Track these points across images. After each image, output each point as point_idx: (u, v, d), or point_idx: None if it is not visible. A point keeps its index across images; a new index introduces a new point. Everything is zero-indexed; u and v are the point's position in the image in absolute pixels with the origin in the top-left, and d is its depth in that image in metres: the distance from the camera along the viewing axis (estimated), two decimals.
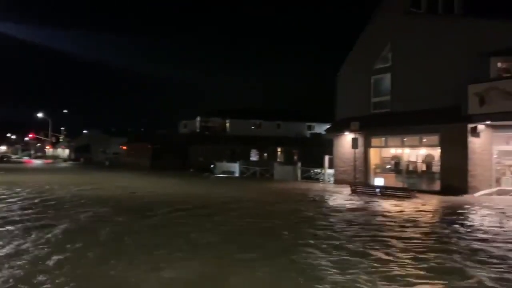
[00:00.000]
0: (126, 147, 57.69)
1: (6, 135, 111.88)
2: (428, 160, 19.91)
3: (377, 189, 17.80)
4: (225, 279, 6.06)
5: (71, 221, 10.60)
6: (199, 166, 36.48)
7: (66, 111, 79.77)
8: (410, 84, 20.23)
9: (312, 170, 27.05)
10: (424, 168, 20.13)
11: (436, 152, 19.11)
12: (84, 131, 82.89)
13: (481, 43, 17.18)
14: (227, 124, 49.56)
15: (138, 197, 16.50)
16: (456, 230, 10.07)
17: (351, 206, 14.37)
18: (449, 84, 18.13)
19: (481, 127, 17.54)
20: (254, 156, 43.31)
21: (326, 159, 24.93)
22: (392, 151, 21.71)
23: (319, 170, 26.24)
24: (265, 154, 44.23)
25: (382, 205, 14.50)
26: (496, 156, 18.62)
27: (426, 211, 13.31)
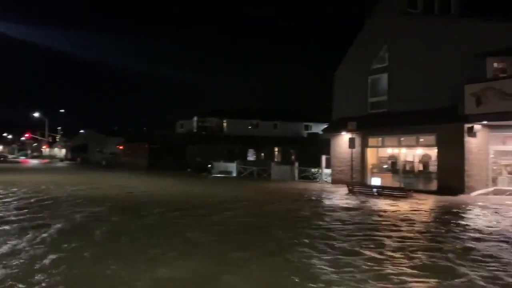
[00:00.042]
0: (123, 147, 57.57)
1: (3, 134, 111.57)
2: (425, 160, 19.96)
3: (374, 189, 17.83)
4: (219, 278, 6.07)
5: (67, 221, 10.58)
6: (197, 166, 36.43)
7: (62, 110, 79.69)
8: (407, 84, 20.28)
9: (309, 170, 27.08)
10: (421, 168, 20.17)
11: (433, 152, 19.16)
12: (81, 130, 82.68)
13: (478, 43, 17.22)
14: (224, 124, 49.56)
15: (135, 197, 16.48)
16: (451, 229, 10.10)
17: (347, 205, 14.36)
18: (445, 84, 18.18)
19: (477, 127, 17.60)
20: (251, 156, 43.31)
21: (323, 159, 24.97)
22: (389, 151, 21.76)
23: (316, 170, 26.27)
24: (263, 154, 44.25)
25: (378, 205, 14.51)
26: (492, 156, 18.70)
27: (422, 210, 13.34)
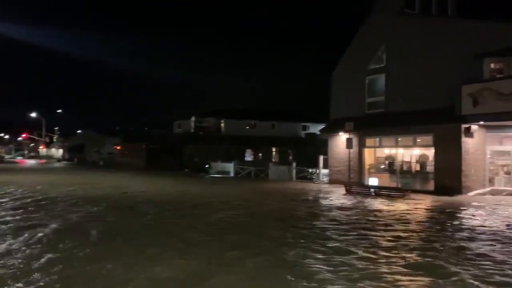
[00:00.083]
0: (121, 147, 57.47)
1: (0, 135, 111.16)
2: (422, 160, 19.99)
3: (372, 189, 17.85)
4: (214, 277, 6.12)
5: (63, 221, 10.57)
6: (194, 166, 36.40)
7: (60, 110, 79.39)
8: (404, 85, 20.31)
9: (307, 170, 27.08)
10: (418, 168, 20.21)
11: (430, 152, 19.20)
12: (78, 131, 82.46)
13: (475, 44, 17.26)
14: (222, 124, 49.47)
15: (131, 197, 16.42)
16: (445, 229, 10.16)
17: (344, 206, 14.38)
18: (443, 85, 18.21)
19: (474, 127, 17.65)
20: (249, 156, 43.28)
21: (321, 159, 24.98)
22: (387, 151, 21.79)
23: (314, 170, 26.28)
24: (260, 154, 44.23)
25: (375, 205, 14.52)
26: (489, 156, 18.75)
27: (418, 210, 13.37)
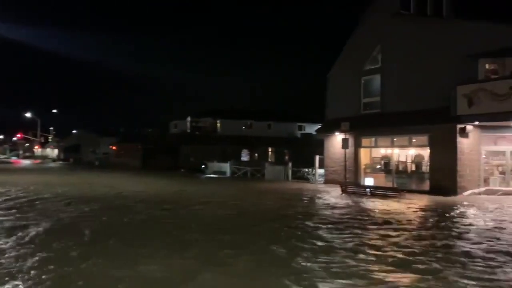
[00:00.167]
0: (116, 147, 57.33)
1: None
2: (418, 160, 20.10)
3: (367, 189, 17.92)
4: (205, 275, 6.23)
5: (56, 221, 10.61)
6: (190, 166, 36.39)
7: (55, 110, 79.07)
8: (400, 85, 20.40)
9: (303, 170, 27.15)
10: (414, 168, 20.32)
11: (426, 152, 19.30)
12: (74, 131, 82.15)
13: (470, 44, 17.38)
14: (218, 124, 49.44)
15: (126, 197, 16.41)
16: (437, 228, 10.24)
17: (339, 205, 14.43)
18: (438, 85, 18.31)
19: (469, 127, 17.76)
20: (245, 156, 43.29)
21: (317, 159, 25.05)
22: (382, 151, 21.89)
23: (310, 170, 26.35)
24: (256, 154, 44.25)
25: (369, 205, 14.61)
26: (484, 156, 18.89)
27: (411, 210, 13.44)
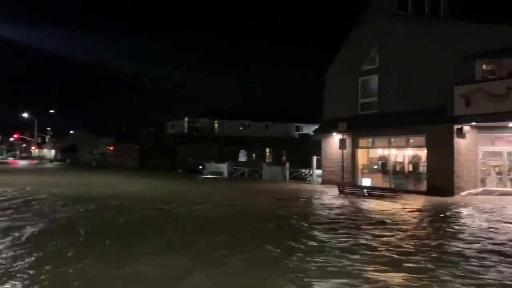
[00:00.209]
0: (113, 148, 57.30)
1: None
2: (415, 161, 20.11)
3: (364, 190, 17.90)
4: (199, 273, 6.28)
5: (52, 221, 10.61)
6: (188, 167, 36.32)
7: (52, 111, 78.83)
8: (397, 86, 20.41)
9: (300, 171, 27.13)
10: (411, 169, 20.34)
11: (423, 153, 19.32)
12: (71, 131, 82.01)
13: (467, 45, 17.40)
14: (216, 125, 49.40)
15: (122, 197, 16.35)
16: (431, 228, 10.26)
17: (335, 206, 14.42)
18: (435, 86, 18.32)
19: (466, 128, 17.77)
20: (242, 157, 43.24)
21: (314, 159, 25.03)
22: (380, 151, 21.90)
23: (307, 170, 26.33)
24: (254, 155, 44.24)
25: (366, 205, 14.61)
26: (481, 157, 18.93)
27: (407, 210, 13.42)
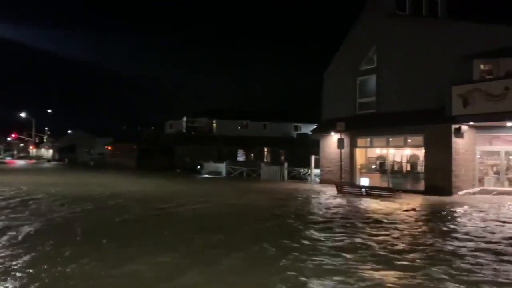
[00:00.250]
0: (112, 148, 57.27)
1: None
2: (413, 160, 20.16)
3: (363, 189, 17.93)
4: (194, 272, 6.34)
5: (49, 220, 10.62)
6: (186, 167, 36.30)
7: (50, 111, 78.69)
8: (395, 86, 20.46)
9: (298, 170, 27.17)
10: (409, 168, 20.38)
11: (421, 152, 19.36)
12: (69, 131, 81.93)
13: (465, 45, 17.46)
14: (214, 125, 49.40)
15: (121, 197, 16.35)
16: (430, 227, 10.29)
17: (333, 205, 14.45)
18: (433, 86, 18.38)
19: (464, 127, 17.84)
20: (241, 157, 43.30)
21: (313, 159, 25.07)
22: (378, 151, 21.94)
23: (305, 170, 26.37)
24: (252, 155, 44.28)
25: (364, 205, 14.63)
26: (479, 156, 18.99)
27: (404, 210, 13.45)
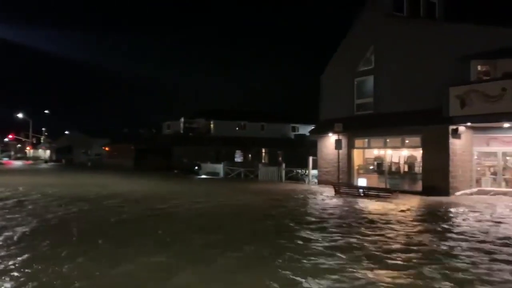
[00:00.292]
0: (109, 148, 57.13)
1: None
2: (410, 161, 20.18)
3: (360, 190, 17.94)
4: (191, 271, 6.40)
5: (46, 221, 10.62)
6: (183, 167, 36.25)
7: (47, 111, 78.42)
8: (393, 86, 20.50)
9: (296, 171, 27.17)
10: (407, 169, 20.40)
11: (418, 153, 19.39)
12: (66, 132, 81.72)
13: (462, 46, 17.51)
14: (211, 125, 49.36)
15: (118, 197, 16.30)
16: (426, 228, 10.30)
17: (330, 206, 14.45)
18: (431, 87, 18.42)
19: (462, 128, 17.88)
20: (238, 157, 43.27)
21: (310, 160, 25.07)
22: (375, 152, 21.96)
23: (303, 171, 26.37)
24: (250, 155, 44.25)
25: (361, 205, 14.64)
26: (476, 157, 19.03)
27: (401, 210, 13.45)
